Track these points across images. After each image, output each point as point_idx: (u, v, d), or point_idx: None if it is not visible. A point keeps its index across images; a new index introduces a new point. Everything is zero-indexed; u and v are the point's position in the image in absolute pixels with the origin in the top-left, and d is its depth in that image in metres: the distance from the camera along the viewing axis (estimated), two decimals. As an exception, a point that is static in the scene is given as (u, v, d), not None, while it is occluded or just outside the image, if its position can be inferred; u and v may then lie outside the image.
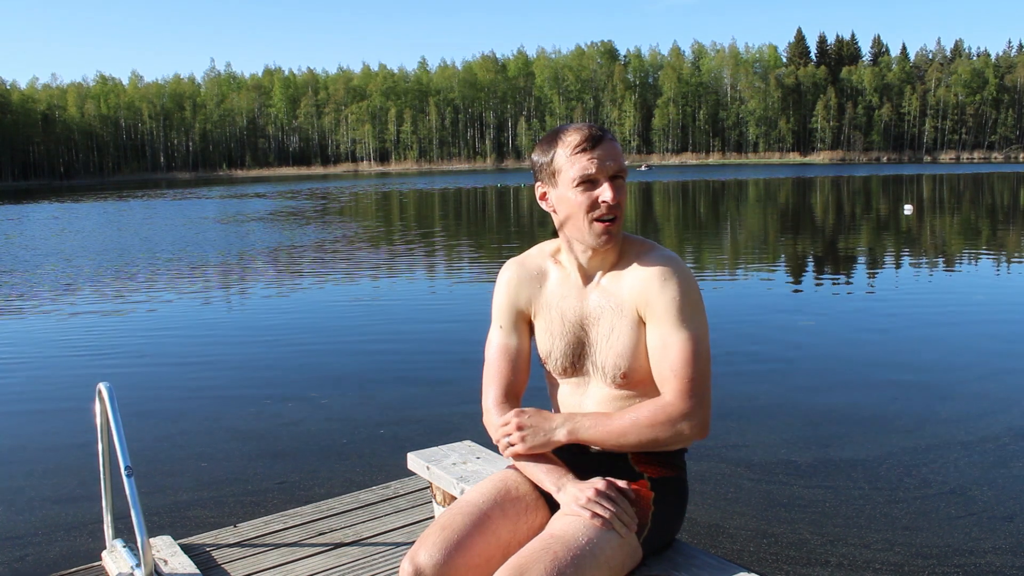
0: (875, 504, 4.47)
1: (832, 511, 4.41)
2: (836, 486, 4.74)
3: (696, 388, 1.91)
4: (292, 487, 4.87)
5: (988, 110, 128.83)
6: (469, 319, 9.84)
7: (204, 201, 45.25)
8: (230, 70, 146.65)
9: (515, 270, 2.15)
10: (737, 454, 5.23)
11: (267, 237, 21.93)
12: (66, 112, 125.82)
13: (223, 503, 4.67)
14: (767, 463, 5.11)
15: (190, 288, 13.03)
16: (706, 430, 1.94)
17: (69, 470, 5.24)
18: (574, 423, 1.96)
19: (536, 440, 1.97)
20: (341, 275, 14.19)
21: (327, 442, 5.68)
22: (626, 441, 1.93)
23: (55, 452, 5.62)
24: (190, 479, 5.05)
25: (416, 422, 6.08)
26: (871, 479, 4.82)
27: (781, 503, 4.52)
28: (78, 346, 9.07)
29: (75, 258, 17.91)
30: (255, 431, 5.95)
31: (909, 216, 25.51)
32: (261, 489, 4.87)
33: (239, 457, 5.43)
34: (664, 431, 1.91)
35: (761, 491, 4.68)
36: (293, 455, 5.44)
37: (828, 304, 10.72)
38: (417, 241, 20.30)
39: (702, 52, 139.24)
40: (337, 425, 6.05)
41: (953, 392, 6.60)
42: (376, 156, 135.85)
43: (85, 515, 4.47)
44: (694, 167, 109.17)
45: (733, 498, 4.58)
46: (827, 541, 4.08)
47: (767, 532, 4.19)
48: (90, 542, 4.12)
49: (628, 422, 1.93)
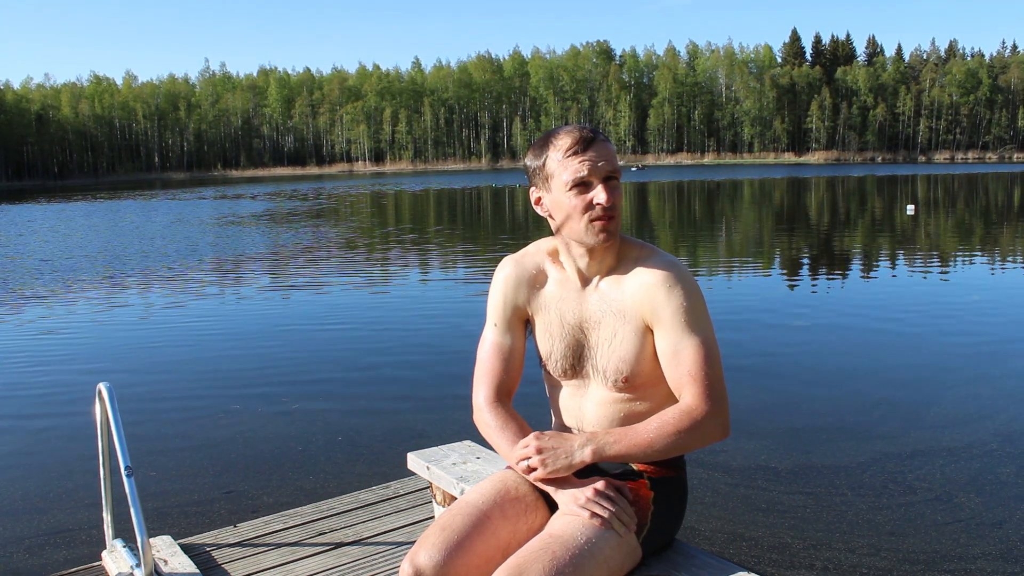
0: (858, 510, 4.41)
1: (813, 516, 4.36)
2: (818, 492, 4.68)
3: (715, 389, 1.92)
4: (292, 487, 4.88)
5: (982, 110, 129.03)
6: (469, 319, 9.84)
7: (198, 202, 45.14)
8: (225, 70, 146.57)
9: (513, 268, 2.13)
10: (715, 459, 5.15)
11: (266, 238, 21.93)
12: (60, 112, 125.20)
13: (223, 503, 4.68)
14: (748, 468, 5.04)
15: (190, 288, 13.02)
16: (728, 429, 1.95)
17: (69, 470, 5.24)
18: (597, 442, 1.93)
19: (558, 464, 1.93)
20: (340, 275, 14.18)
21: (327, 442, 5.69)
22: (654, 451, 1.92)
23: (55, 452, 5.62)
24: (190, 479, 5.06)
25: (416, 422, 6.09)
26: (854, 485, 4.76)
27: (760, 507, 4.47)
28: (78, 346, 9.07)
29: (75, 258, 17.88)
30: (255, 431, 5.96)
31: (911, 216, 25.48)
32: (261, 489, 4.88)
33: (239, 457, 5.43)
34: (691, 436, 1.91)
35: (742, 495, 4.63)
36: (293, 455, 5.44)
37: (821, 306, 10.70)
38: (416, 242, 20.30)
39: (697, 52, 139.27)
40: (337, 425, 6.06)
41: (940, 397, 6.49)
42: (371, 156, 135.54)
43: (85, 515, 4.48)
44: (689, 167, 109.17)
45: (711, 502, 4.53)
46: (809, 546, 4.04)
47: (747, 536, 4.15)
48: (90, 542, 4.12)
49: (654, 432, 1.91)
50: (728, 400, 1.95)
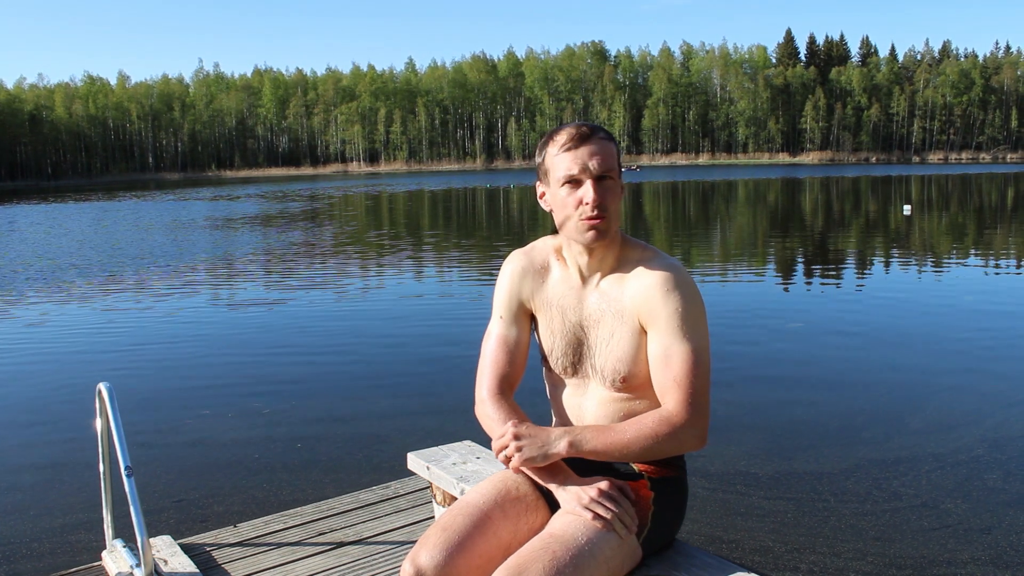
0: (841, 516, 4.38)
1: (794, 521, 4.34)
2: (800, 497, 4.64)
3: (697, 399, 1.92)
4: (292, 487, 4.88)
5: (975, 111, 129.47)
6: (469, 319, 9.86)
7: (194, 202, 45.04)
8: (219, 70, 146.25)
9: (521, 261, 2.13)
10: (693, 464, 5.12)
11: (265, 238, 21.89)
12: (54, 112, 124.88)
13: (223, 503, 4.69)
14: (731, 473, 5.01)
15: (191, 288, 13.01)
16: (705, 440, 1.95)
17: (69, 470, 5.24)
18: (574, 436, 1.92)
19: (533, 452, 1.92)
20: (340, 276, 14.17)
21: (327, 442, 5.69)
22: (630, 452, 1.92)
23: (55, 452, 5.62)
24: (190, 479, 5.06)
25: (416, 422, 6.09)
26: (837, 491, 4.71)
27: (739, 512, 4.46)
28: (78, 346, 9.06)
29: (74, 258, 17.84)
30: (255, 431, 5.96)
31: (907, 216, 25.50)
32: (261, 489, 4.88)
33: (239, 457, 5.44)
34: (667, 442, 1.92)
35: (721, 500, 4.60)
36: (293, 455, 5.45)
37: (813, 308, 10.70)
38: (415, 242, 20.29)
39: (691, 53, 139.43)
40: (337, 425, 6.07)
41: (926, 403, 6.41)
42: (365, 157, 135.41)
43: (85, 515, 4.48)
44: (684, 167, 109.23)
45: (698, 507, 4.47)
46: (792, 549, 4.03)
47: (727, 540, 4.15)
48: (90, 542, 4.13)
49: (631, 435, 1.91)
50: (709, 411, 1.95)
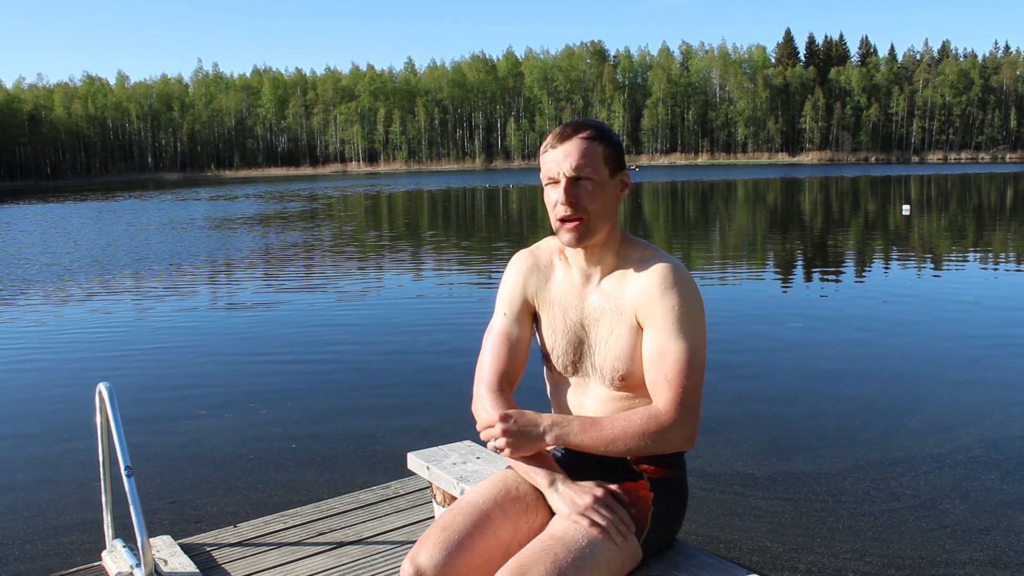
0: (840, 516, 4.38)
1: (793, 521, 4.34)
2: (798, 497, 4.64)
3: (688, 399, 1.91)
4: (292, 487, 4.89)
5: (975, 111, 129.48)
6: (469, 319, 9.85)
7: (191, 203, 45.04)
8: (218, 70, 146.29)
9: (527, 259, 2.14)
10: (693, 464, 5.09)
11: (264, 239, 21.89)
12: (53, 112, 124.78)
13: (223, 503, 4.69)
14: (730, 473, 5.01)
15: (191, 288, 13.01)
16: (693, 441, 1.94)
17: (69, 470, 5.24)
18: (562, 427, 1.93)
19: (520, 440, 1.93)
20: (339, 276, 14.17)
21: (327, 442, 5.69)
22: (615, 448, 1.92)
23: (55, 452, 5.62)
24: (190, 479, 5.07)
25: (416, 422, 6.09)
26: (836, 491, 4.71)
27: (738, 512, 4.46)
28: (78, 346, 9.06)
29: (73, 257, 17.84)
30: (255, 431, 5.96)
31: (907, 216, 25.49)
32: (261, 489, 4.88)
33: (239, 457, 5.44)
34: (654, 441, 1.91)
35: (721, 500, 4.60)
36: (293, 455, 5.45)
37: (812, 308, 10.68)
38: (415, 243, 20.29)
39: (691, 52, 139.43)
40: (337, 425, 6.07)
41: (924, 403, 6.41)
42: (365, 157, 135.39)
43: (85, 515, 4.48)
44: (683, 167, 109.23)
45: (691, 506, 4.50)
46: (791, 549, 4.03)
47: (726, 540, 4.15)
48: (90, 542, 4.13)
49: (619, 430, 1.91)
50: (699, 412, 1.94)
